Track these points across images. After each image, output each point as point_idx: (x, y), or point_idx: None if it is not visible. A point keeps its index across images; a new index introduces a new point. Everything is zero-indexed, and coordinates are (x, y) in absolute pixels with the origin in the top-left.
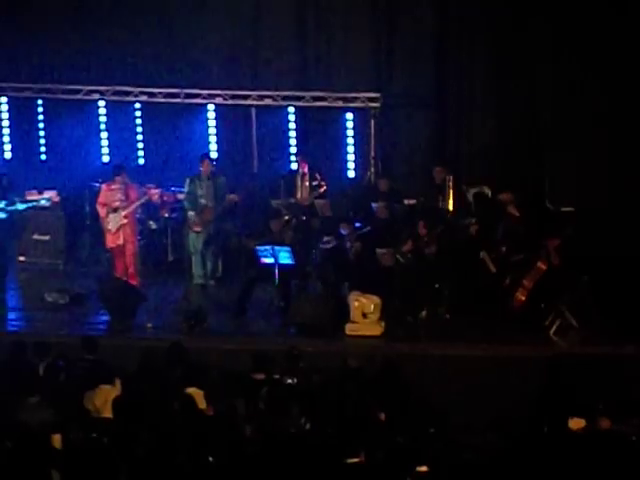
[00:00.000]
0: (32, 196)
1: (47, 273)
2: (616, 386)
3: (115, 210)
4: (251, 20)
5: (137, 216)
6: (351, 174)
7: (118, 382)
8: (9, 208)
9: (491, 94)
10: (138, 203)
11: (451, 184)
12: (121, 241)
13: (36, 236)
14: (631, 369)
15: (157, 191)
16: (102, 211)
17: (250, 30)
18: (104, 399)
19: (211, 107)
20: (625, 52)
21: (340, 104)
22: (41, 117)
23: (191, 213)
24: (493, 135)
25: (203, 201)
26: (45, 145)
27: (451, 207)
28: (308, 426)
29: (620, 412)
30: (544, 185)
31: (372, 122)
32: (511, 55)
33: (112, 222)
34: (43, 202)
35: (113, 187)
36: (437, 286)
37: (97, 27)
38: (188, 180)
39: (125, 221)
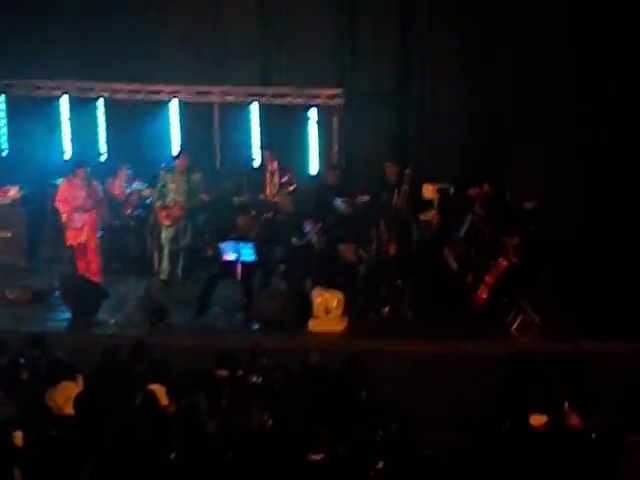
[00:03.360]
0: None
1: (9, 270)
2: (577, 383)
3: (79, 208)
4: (213, 16)
5: (100, 213)
6: (313, 171)
7: (80, 378)
8: None
9: (455, 91)
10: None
11: (407, 179)
12: (83, 239)
13: None
14: (592, 366)
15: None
16: (63, 207)
17: (212, 26)
18: (66, 396)
19: (174, 103)
20: (590, 46)
21: (302, 101)
22: (3, 113)
23: (157, 205)
24: (457, 132)
25: (173, 195)
26: (7, 141)
27: (406, 203)
28: (270, 422)
29: (581, 409)
30: (506, 182)
31: (334, 119)
32: (475, 52)
33: (76, 221)
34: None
35: (74, 183)
36: (399, 282)
37: (59, 23)
38: (162, 173)
39: (89, 219)
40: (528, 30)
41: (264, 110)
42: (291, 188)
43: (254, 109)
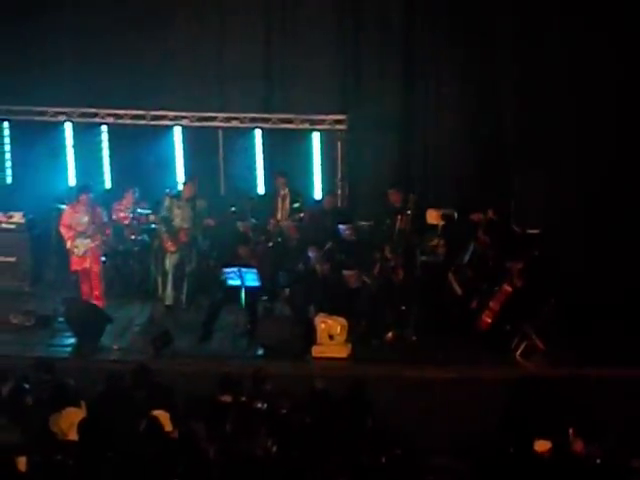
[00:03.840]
0: None
1: (13, 295)
2: (581, 408)
3: (82, 234)
4: (217, 42)
5: (104, 239)
6: (318, 196)
7: (84, 404)
8: None
9: (458, 116)
10: (106, 233)
11: (411, 205)
12: (87, 264)
13: (1, 258)
14: (596, 391)
15: (125, 211)
16: (67, 233)
17: (216, 52)
18: (70, 421)
19: (177, 129)
20: (590, 72)
21: (307, 126)
22: (7, 139)
23: (165, 233)
24: (460, 157)
25: (178, 221)
26: (11, 167)
27: (410, 229)
28: (275, 448)
29: (585, 435)
30: (510, 207)
31: (339, 144)
32: (477, 77)
33: (80, 246)
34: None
35: (78, 208)
36: (403, 308)
37: (63, 49)
38: (167, 199)
39: (93, 245)
40: (532, 54)
41: (268, 135)
42: (301, 215)
43: (258, 134)
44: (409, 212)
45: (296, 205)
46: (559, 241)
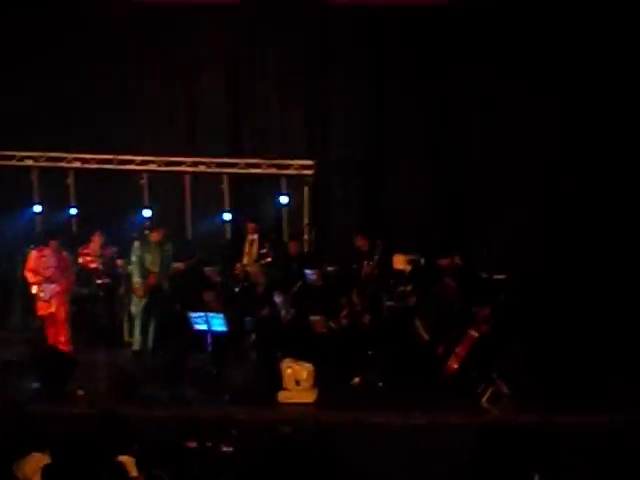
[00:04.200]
0: None
1: None
2: (547, 455)
3: (48, 279)
4: (185, 86)
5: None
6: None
7: (49, 449)
8: None
9: (425, 162)
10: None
11: (378, 250)
12: (53, 309)
13: None
14: (563, 438)
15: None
16: (33, 278)
17: (184, 96)
18: (34, 467)
19: (145, 173)
20: (551, 122)
21: (274, 171)
22: None
23: (137, 279)
24: (427, 203)
25: (148, 266)
26: None
27: (377, 274)
28: None
29: None
30: (477, 253)
31: (306, 189)
32: (444, 123)
33: (46, 291)
34: None
35: (45, 253)
36: (370, 353)
37: (30, 92)
38: (136, 244)
39: (58, 289)
40: (495, 108)
41: (235, 180)
42: (269, 260)
43: (225, 179)
44: (376, 257)
45: (262, 251)
46: (525, 286)
